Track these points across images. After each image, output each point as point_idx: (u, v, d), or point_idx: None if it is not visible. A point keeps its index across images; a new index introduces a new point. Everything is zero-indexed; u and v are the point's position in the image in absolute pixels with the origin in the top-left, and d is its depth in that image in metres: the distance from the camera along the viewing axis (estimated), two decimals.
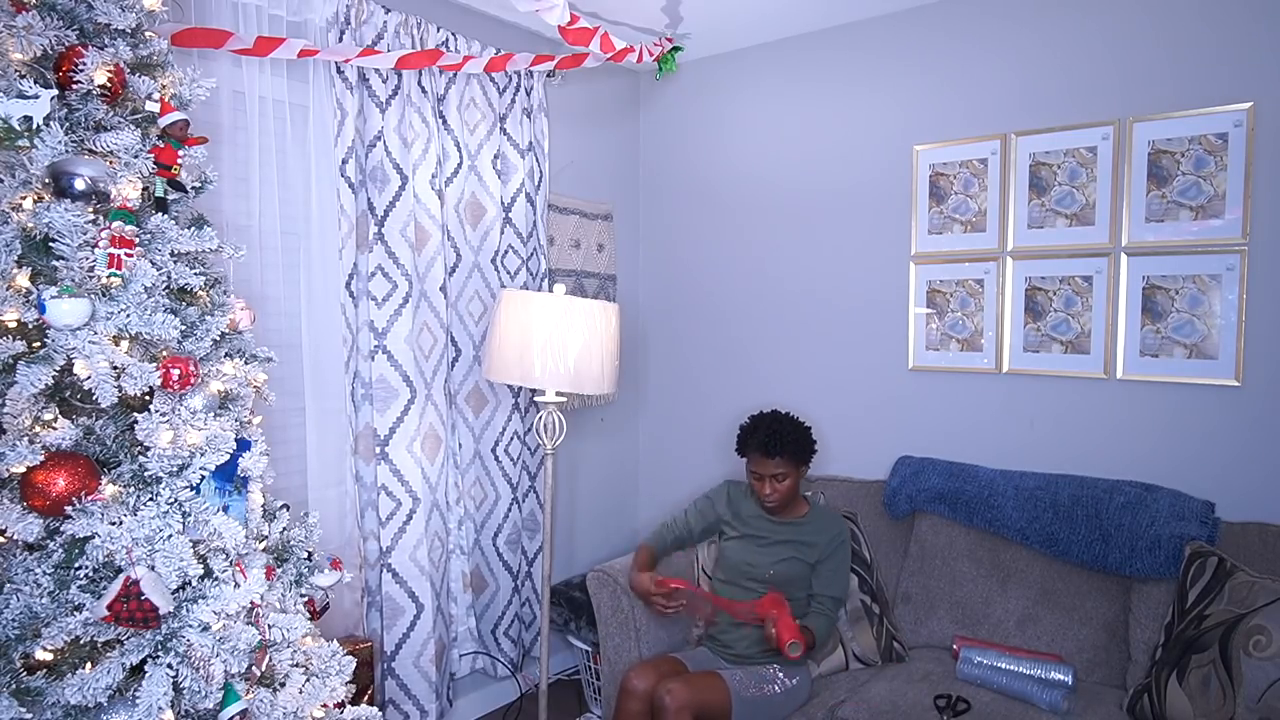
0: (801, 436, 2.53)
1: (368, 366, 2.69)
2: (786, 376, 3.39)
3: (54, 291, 1.45)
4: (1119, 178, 2.64)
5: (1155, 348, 2.60)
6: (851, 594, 2.64)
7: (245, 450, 1.73)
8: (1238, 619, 2.05)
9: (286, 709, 1.71)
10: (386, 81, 2.68)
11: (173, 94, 1.75)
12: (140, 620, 1.44)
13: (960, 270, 2.94)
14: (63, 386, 1.54)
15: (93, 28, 1.61)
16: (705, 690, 2.26)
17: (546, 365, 2.50)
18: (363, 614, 2.70)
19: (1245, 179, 2.44)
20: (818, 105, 3.27)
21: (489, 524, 3.14)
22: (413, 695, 2.75)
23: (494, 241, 3.07)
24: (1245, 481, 2.46)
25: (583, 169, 3.53)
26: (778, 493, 2.50)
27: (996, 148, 2.85)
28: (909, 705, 2.28)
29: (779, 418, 2.57)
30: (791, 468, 2.50)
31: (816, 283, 3.30)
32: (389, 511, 2.72)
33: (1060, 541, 2.50)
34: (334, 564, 1.99)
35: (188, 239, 1.69)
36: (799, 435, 2.52)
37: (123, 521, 1.48)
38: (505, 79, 3.09)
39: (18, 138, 1.49)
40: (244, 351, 1.84)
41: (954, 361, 2.97)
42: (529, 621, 3.28)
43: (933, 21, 2.98)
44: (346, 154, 2.57)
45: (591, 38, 2.73)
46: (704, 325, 3.63)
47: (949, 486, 2.76)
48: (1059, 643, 2.47)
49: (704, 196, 3.61)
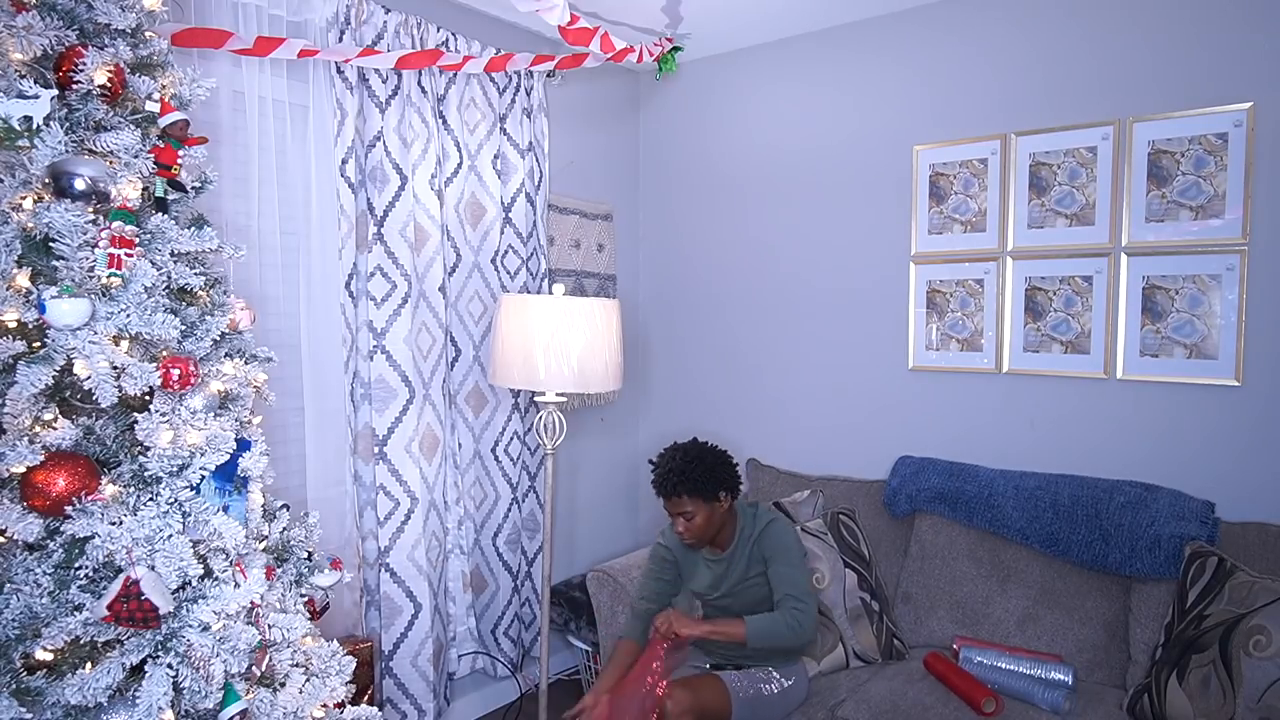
0: (702, 471, 2.32)
1: (367, 366, 2.69)
2: (786, 377, 3.39)
3: (54, 291, 1.45)
4: (1119, 178, 2.64)
5: (1155, 348, 2.60)
6: (851, 592, 2.64)
7: (245, 450, 1.73)
8: (1238, 619, 2.05)
9: (286, 709, 1.71)
10: (386, 81, 2.68)
11: (173, 94, 1.75)
12: (140, 620, 1.44)
13: (960, 270, 2.94)
14: (63, 386, 1.54)
15: (93, 28, 1.61)
16: (706, 693, 2.26)
17: (550, 367, 2.50)
18: (362, 614, 2.70)
19: (1245, 179, 2.44)
20: (818, 105, 3.27)
21: (489, 524, 3.14)
22: (410, 694, 2.75)
23: (494, 241, 3.07)
24: (1245, 481, 2.46)
25: (583, 169, 3.53)
26: (690, 530, 2.34)
27: (996, 148, 2.85)
28: (909, 705, 2.28)
29: (677, 453, 2.37)
30: (699, 504, 2.32)
31: (817, 282, 3.30)
32: (387, 511, 2.72)
33: (1060, 541, 2.50)
34: (334, 564, 1.99)
35: (188, 239, 1.69)
36: (697, 471, 2.31)
37: (123, 521, 1.48)
38: (505, 79, 3.09)
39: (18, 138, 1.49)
40: (244, 351, 1.84)
41: (954, 361, 2.97)
42: (529, 621, 3.28)
43: (933, 21, 2.98)
44: (346, 154, 2.57)
45: (591, 38, 2.73)
46: (704, 325, 3.63)
47: (949, 486, 2.76)
48: (1059, 643, 2.47)
49: (704, 196, 3.61)
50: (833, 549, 2.69)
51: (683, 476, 2.31)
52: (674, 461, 2.35)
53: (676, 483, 2.31)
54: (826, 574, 2.64)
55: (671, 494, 2.34)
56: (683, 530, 2.37)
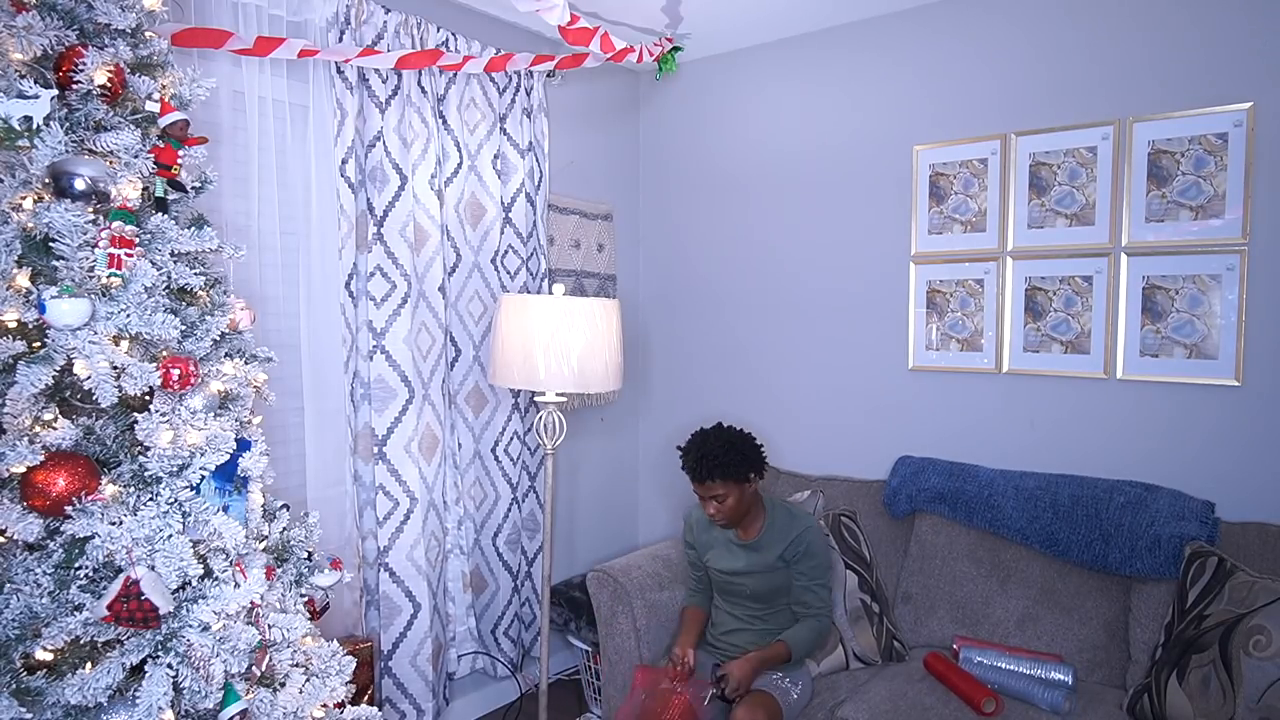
0: (734, 455, 2.38)
1: (367, 366, 2.69)
2: (786, 377, 3.39)
3: (54, 291, 1.45)
4: (1119, 178, 2.64)
5: (1155, 348, 2.60)
6: (851, 593, 2.64)
7: (245, 450, 1.73)
8: (1238, 619, 2.05)
9: (286, 709, 1.71)
10: (386, 81, 2.68)
11: (173, 94, 1.75)
12: (140, 620, 1.44)
13: (960, 270, 2.94)
14: (63, 386, 1.54)
15: (93, 28, 1.61)
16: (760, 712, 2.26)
17: (550, 367, 2.50)
18: (362, 614, 2.70)
19: (1245, 179, 2.44)
20: (817, 105, 3.27)
21: (489, 524, 3.14)
22: (409, 694, 2.75)
23: (494, 241, 3.07)
24: (1245, 481, 2.46)
25: (583, 169, 3.53)
26: (722, 512, 2.41)
27: (996, 148, 2.85)
28: (909, 705, 2.28)
29: (708, 438, 2.44)
30: (731, 486, 2.39)
31: (816, 282, 3.30)
32: (387, 511, 2.72)
33: (1060, 541, 2.50)
34: (334, 564, 1.99)
35: (188, 239, 1.69)
36: (731, 454, 2.38)
37: (123, 521, 1.48)
38: (505, 79, 3.09)
39: (18, 138, 1.49)
40: (244, 351, 1.84)
41: (954, 361, 2.97)
42: (529, 621, 3.28)
43: (933, 21, 2.98)
44: (346, 154, 2.57)
45: (591, 38, 2.73)
46: (704, 325, 3.63)
47: (949, 486, 2.76)
48: (1059, 643, 2.47)
49: (704, 196, 3.61)
50: (834, 551, 2.69)
51: (716, 461, 2.38)
52: (706, 447, 2.41)
53: (712, 467, 2.38)
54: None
55: (706, 479, 2.40)
56: (714, 512, 2.43)
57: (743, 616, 2.53)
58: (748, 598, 2.51)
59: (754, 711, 2.24)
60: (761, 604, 2.51)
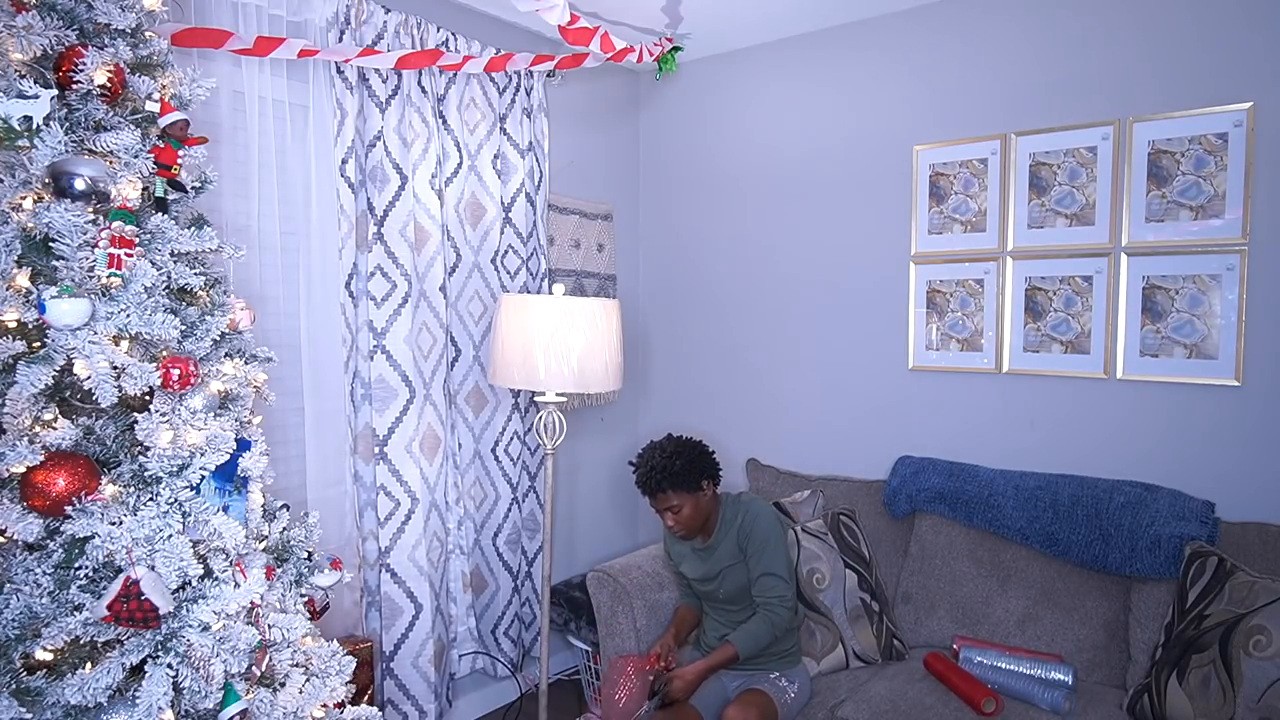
0: (682, 464, 2.37)
1: (367, 366, 2.69)
2: (787, 376, 3.39)
3: (54, 291, 1.45)
4: (1119, 178, 2.64)
5: (1155, 348, 2.60)
6: (851, 592, 2.64)
7: (245, 450, 1.73)
8: (1238, 619, 2.05)
9: (286, 709, 1.71)
10: (386, 81, 2.68)
11: (173, 94, 1.75)
12: (140, 620, 1.44)
13: (960, 270, 2.94)
14: (63, 386, 1.54)
15: (93, 28, 1.61)
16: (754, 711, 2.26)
17: (550, 367, 2.50)
18: (362, 614, 2.70)
19: (1245, 179, 2.44)
20: (818, 105, 3.27)
21: (489, 524, 3.14)
22: (411, 695, 2.75)
23: (494, 241, 3.07)
24: (1245, 481, 2.46)
25: (583, 169, 3.53)
26: (680, 523, 2.40)
27: (996, 148, 2.85)
28: (909, 705, 2.28)
29: (655, 450, 2.42)
30: (684, 496, 2.38)
31: (816, 282, 3.30)
32: (388, 511, 2.72)
33: (1060, 541, 2.50)
34: (334, 564, 1.99)
35: (188, 239, 1.69)
36: (677, 465, 2.36)
37: (123, 521, 1.48)
38: (505, 79, 3.09)
39: (18, 138, 1.48)
40: (244, 351, 1.84)
41: (954, 361, 2.97)
42: (529, 621, 3.28)
43: (933, 21, 2.98)
44: (346, 154, 2.57)
45: (591, 38, 2.73)
46: (704, 325, 3.63)
47: (949, 486, 2.76)
48: (1059, 643, 2.47)
49: (704, 196, 3.61)
50: (833, 549, 2.69)
51: (664, 473, 2.37)
52: (654, 459, 2.40)
53: (661, 479, 2.37)
54: (827, 574, 2.64)
55: (657, 491, 2.39)
56: (673, 524, 2.42)
57: (725, 621, 2.52)
58: (724, 601, 2.49)
59: (746, 710, 2.24)
60: (738, 605, 2.48)
